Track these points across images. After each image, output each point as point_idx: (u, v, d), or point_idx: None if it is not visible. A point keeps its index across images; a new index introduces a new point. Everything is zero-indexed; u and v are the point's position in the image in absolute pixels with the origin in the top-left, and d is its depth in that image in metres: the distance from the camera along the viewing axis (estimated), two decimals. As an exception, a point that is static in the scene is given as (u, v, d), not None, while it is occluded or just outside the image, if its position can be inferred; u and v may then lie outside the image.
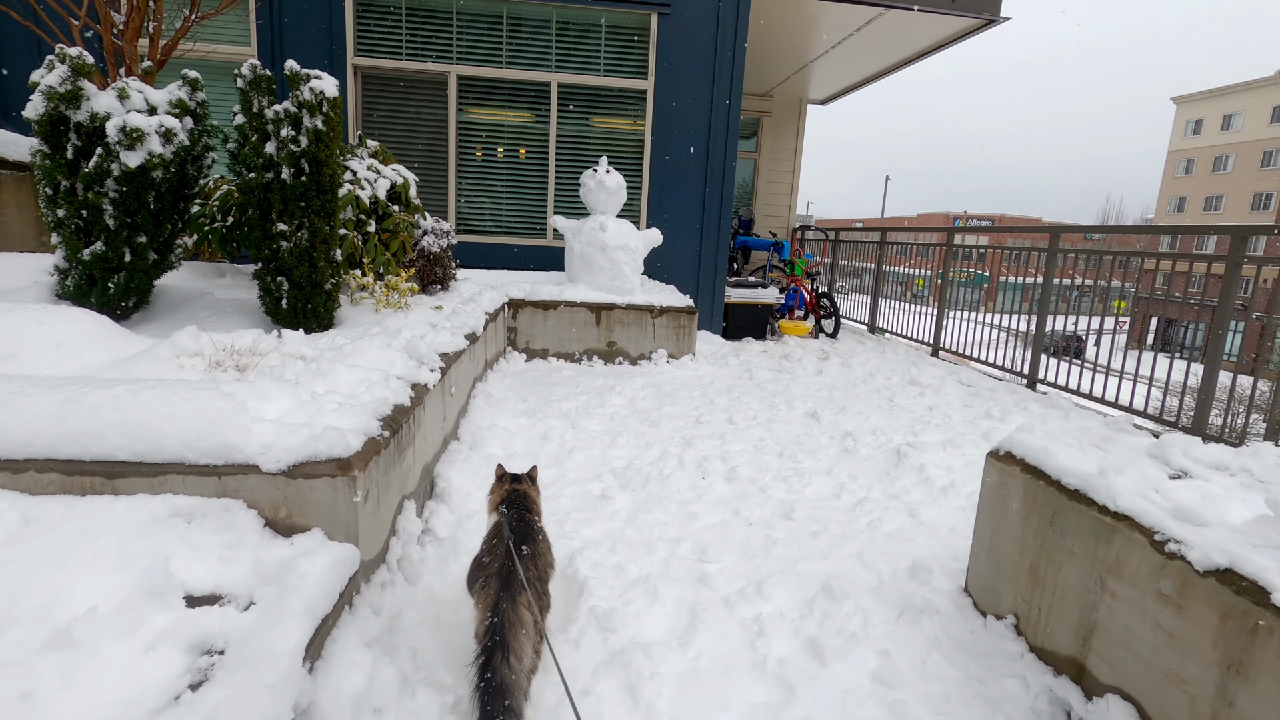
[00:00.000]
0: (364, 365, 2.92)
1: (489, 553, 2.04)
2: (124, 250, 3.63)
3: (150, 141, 3.35)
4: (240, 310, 4.05)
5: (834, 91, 11.95)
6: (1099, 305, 6.36)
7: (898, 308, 9.07)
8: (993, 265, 8.65)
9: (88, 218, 3.51)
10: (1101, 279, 6.32)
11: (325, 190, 3.83)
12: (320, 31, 7.01)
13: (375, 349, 3.16)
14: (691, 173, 7.66)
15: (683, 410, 5.04)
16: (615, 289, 6.51)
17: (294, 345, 2.98)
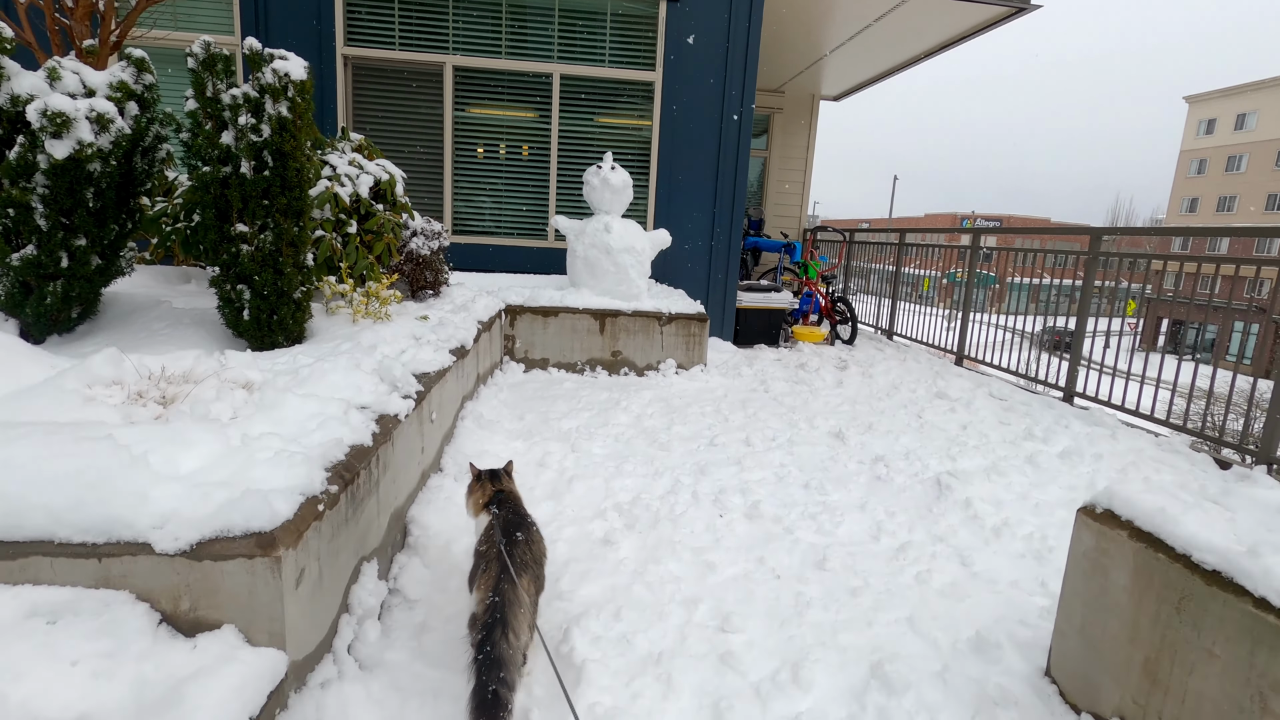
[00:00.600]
0: (322, 393, 2.44)
1: (486, 541, 2.13)
2: (60, 254, 3.15)
3: (78, 128, 2.87)
4: (199, 322, 3.58)
5: (848, 87, 11.43)
6: (1109, 306, 5.86)
7: (914, 311, 8.56)
8: (1000, 266, 8.25)
9: (15, 217, 3.03)
10: (1136, 282, 5.80)
11: (292, 186, 3.34)
12: (308, 19, 6.53)
13: (340, 371, 2.67)
14: (702, 170, 7.16)
15: (695, 430, 4.54)
16: (620, 294, 6.02)
17: (240, 369, 2.49)
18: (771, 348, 7.67)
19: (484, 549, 2.10)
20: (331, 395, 2.47)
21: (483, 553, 2.09)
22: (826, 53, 9.54)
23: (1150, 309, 8.86)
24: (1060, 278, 6.66)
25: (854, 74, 10.64)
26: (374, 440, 2.28)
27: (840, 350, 7.69)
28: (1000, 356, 7.10)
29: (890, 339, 8.74)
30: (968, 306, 7.28)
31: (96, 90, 3.11)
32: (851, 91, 11.67)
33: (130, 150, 3.30)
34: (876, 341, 8.41)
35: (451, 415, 3.70)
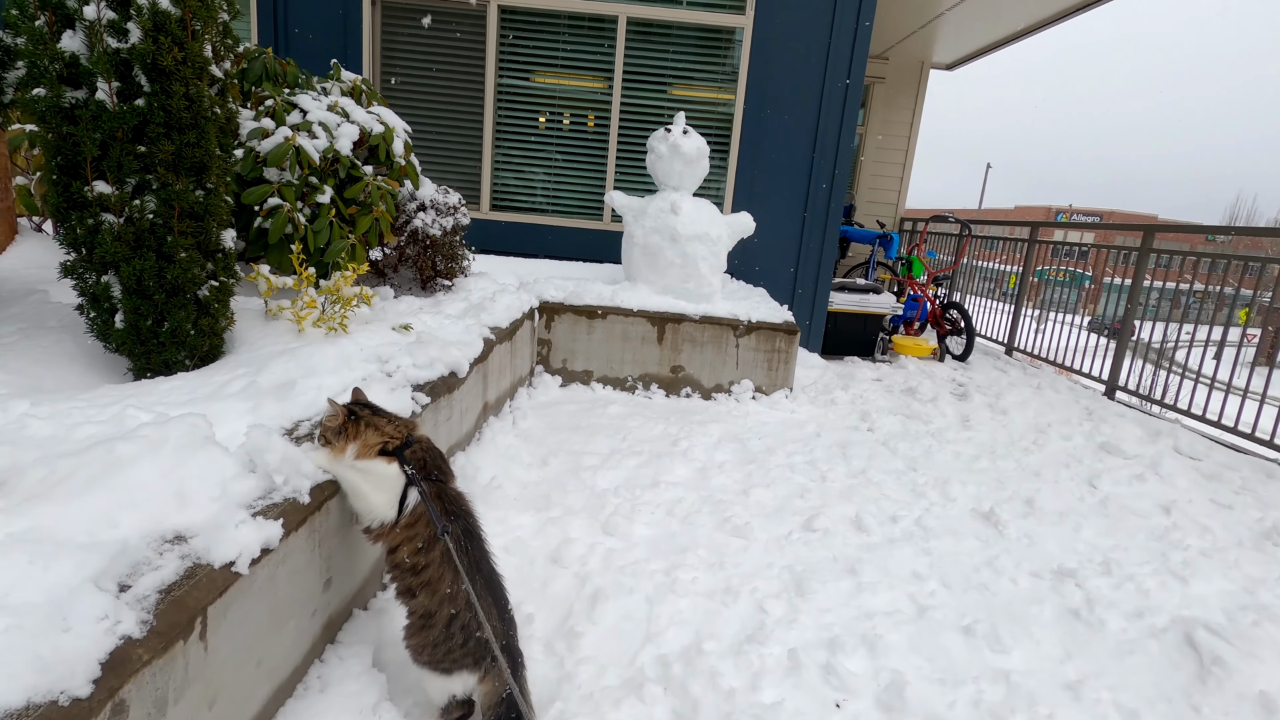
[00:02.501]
0: (87, 515, 1.16)
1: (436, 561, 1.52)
2: None
3: None
4: (70, 327, 2.38)
5: (966, 53, 9.52)
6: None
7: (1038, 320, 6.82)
8: (1098, 265, 7.24)
9: None
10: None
11: (184, 125, 2.08)
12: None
13: (169, 451, 1.39)
14: (796, 141, 5.62)
15: (783, 497, 3.12)
16: (687, 293, 4.61)
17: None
18: (866, 361, 6.13)
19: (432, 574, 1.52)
20: (106, 519, 1.19)
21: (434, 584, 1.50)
22: (945, 9, 7.75)
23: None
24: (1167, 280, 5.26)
25: (975, 37, 8.76)
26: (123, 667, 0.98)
27: (953, 369, 6.07)
28: (1169, 390, 5.36)
29: (1010, 355, 7.02)
30: (1127, 326, 5.54)
31: None
32: (968, 59, 9.75)
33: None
34: (994, 359, 6.72)
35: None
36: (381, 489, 1.59)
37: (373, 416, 1.67)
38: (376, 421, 1.66)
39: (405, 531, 1.56)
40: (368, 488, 1.61)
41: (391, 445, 1.62)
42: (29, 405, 1.69)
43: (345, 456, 1.60)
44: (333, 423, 1.63)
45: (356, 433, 1.62)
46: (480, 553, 1.63)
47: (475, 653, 1.52)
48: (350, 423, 1.63)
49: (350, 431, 1.62)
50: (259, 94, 3.12)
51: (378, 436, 1.63)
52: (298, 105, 3.11)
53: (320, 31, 5.40)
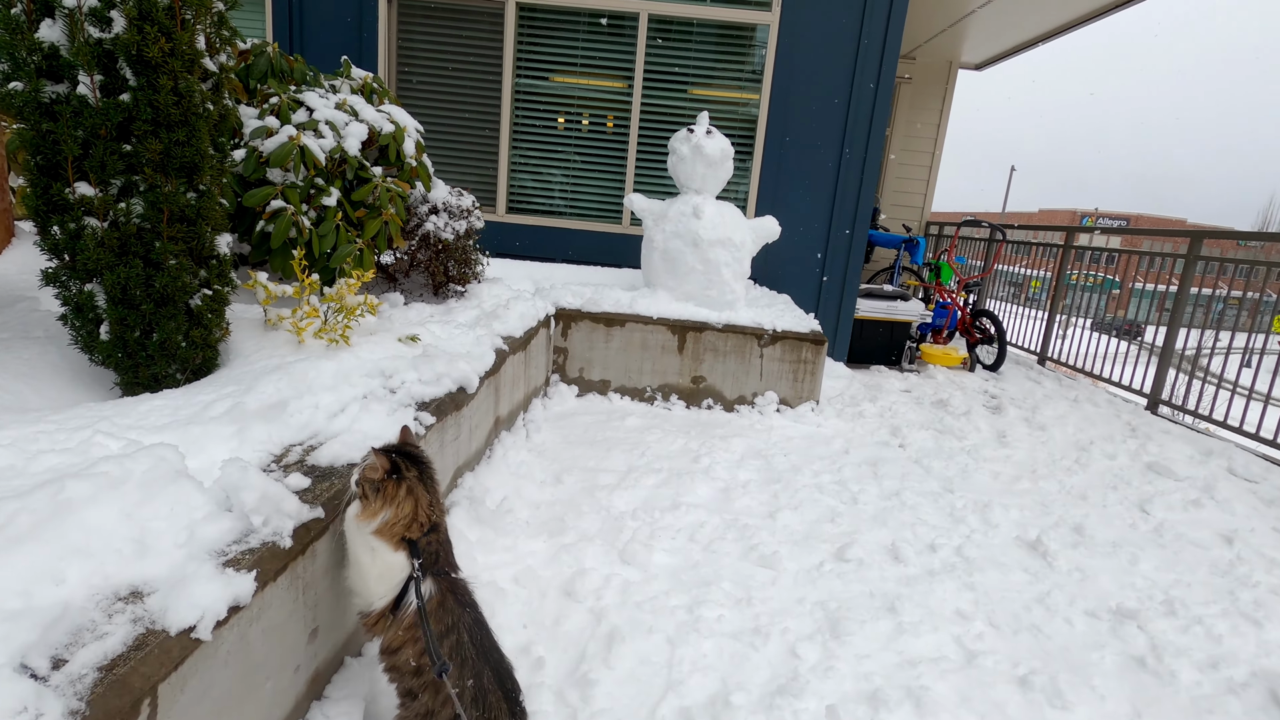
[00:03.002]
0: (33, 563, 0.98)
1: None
2: None
3: None
4: (54, 337, 2.23)
5: (996, 53, 9.21)
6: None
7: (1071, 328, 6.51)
8: (1124, 270, 6.94)
9: None
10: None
11: (173, 123, 1.91)
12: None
13: (131, 489, 1.22)
14: (822, 143, 5.39)
15: (812, 521, 2.91)
16: (709, 300, 4.40)
17: None
18: (894, 370, 5.88)
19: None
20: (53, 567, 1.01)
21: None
22: (975, 8, 7.47)
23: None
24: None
25: (1006, 36, 8.46)
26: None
27: (984, 380, 5.80)
28: (1216, 404, 5.06)
29: (1043, 365, 6.72)
30: (1172, 336, 5.24)
31: None
32: (997, 59, 9.44)
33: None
34: (1026, 369, 6.43)
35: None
36: (383, 578, 1.41)
37: (418, 482, 1.45)
38: (418, 492, 1.44)
39: (408, 632, 1.37)
40: (373, 571, 1.42)
41: (415, 532, 1.42)
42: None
43: (372, 523, 1.41)
44: (373, 475, 1.42)
45: (395, 498, 1.41)
46: (489, 642, 1.45)
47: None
48: (391, 482, 1.42)
49: (389, 493, 1.41)
50: (264, 91, 2.97)
51: (411, 511, 1.42)
52: (304, 103, 2.95)
53: (334, 30, 5.27)
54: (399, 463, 1.44)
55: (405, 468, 1.44)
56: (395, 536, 1.40)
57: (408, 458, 1.48)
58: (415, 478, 1.45)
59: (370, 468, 1.42)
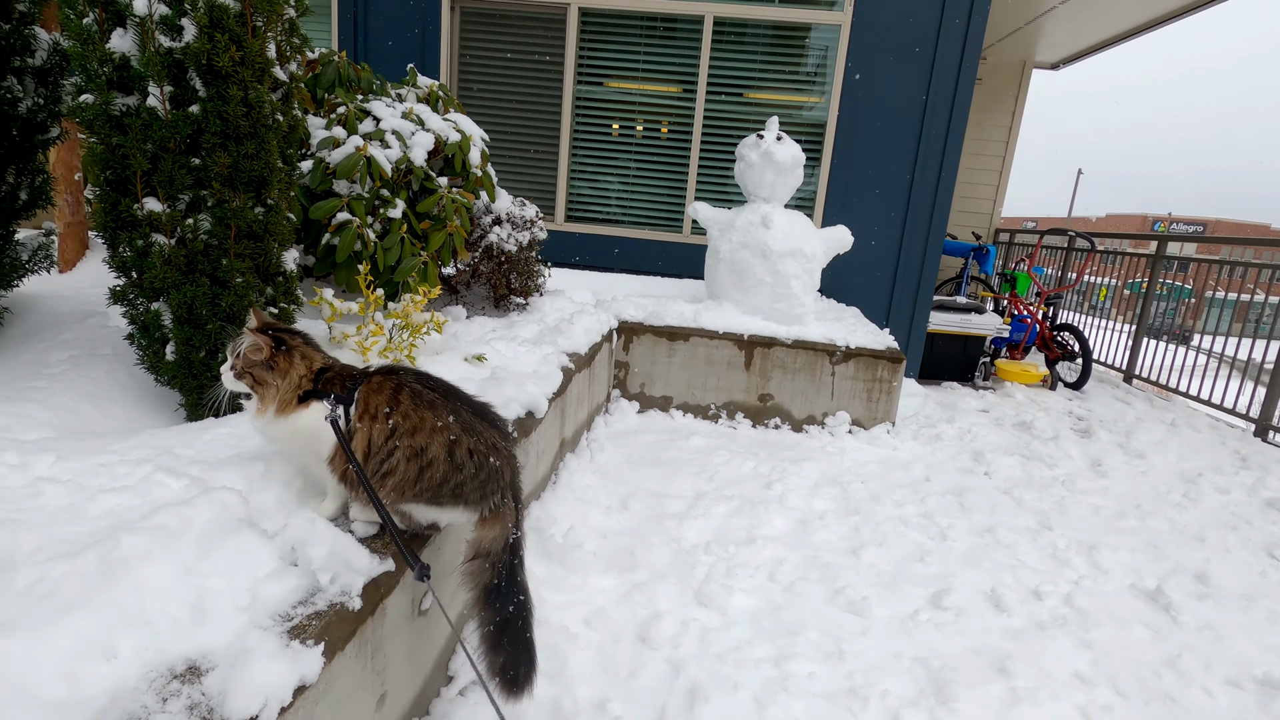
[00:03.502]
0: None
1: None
2: (-124, 240, 1.81)
3: None
4: (121, 354, 2.17)
5: (1072, 52, 8.70)
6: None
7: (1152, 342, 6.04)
8: (1199, 279, 6.73)
9: None
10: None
11: (242, 135, 1.82)
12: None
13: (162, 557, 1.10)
14: (895, 148, 5.11)
15: (899, 561, 2.66)
16: (778, 314, 4.18)
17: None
18: (967, 387, 5.53)
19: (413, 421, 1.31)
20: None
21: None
22: (1057, 3, 7.04)
23: None
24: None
25: (1087, 33, 7.97)
26: None
27: (1068, 400, 5.40)
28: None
29: (1129, 383, 6.26)
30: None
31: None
32: (1076, 58, 8.92)
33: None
34: (1110, 387, 5.98)
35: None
36: (316, 442, 1.36)
37: (305, 345, 1.41)
38: (310, 354, 1.40)
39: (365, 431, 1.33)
40: (307, 445, 1.38)
41: (307, 385, 1.37)
42: (54, 460, 1.44)
43: (272, 406, 1.36)
44: (257, 355, 1.34)
45: (288, 370, 1.36)
46: (448, 385, 1.42)
47: (484, 484, 1.34)
48: (281, 354, 1.36)
49: (282, 366, 1.36)
50: (331, 101, 2.90)
51: (306, 368, 1.38)
52: (371, 113, 2.87)
53: (398, 37, 5.25)
54: (283, 336, 1.38)
55: (288, 337, 1.39)
56: (290, 401, 1.34)
57: (284, 331, 1.42)
58: (301, 342, 1.41)
59: (254, 348, 1.34)
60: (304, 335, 1.45)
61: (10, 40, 1.92)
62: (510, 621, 1.37)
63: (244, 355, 1.34)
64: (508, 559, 1.37)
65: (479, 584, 1.36)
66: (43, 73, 2.05)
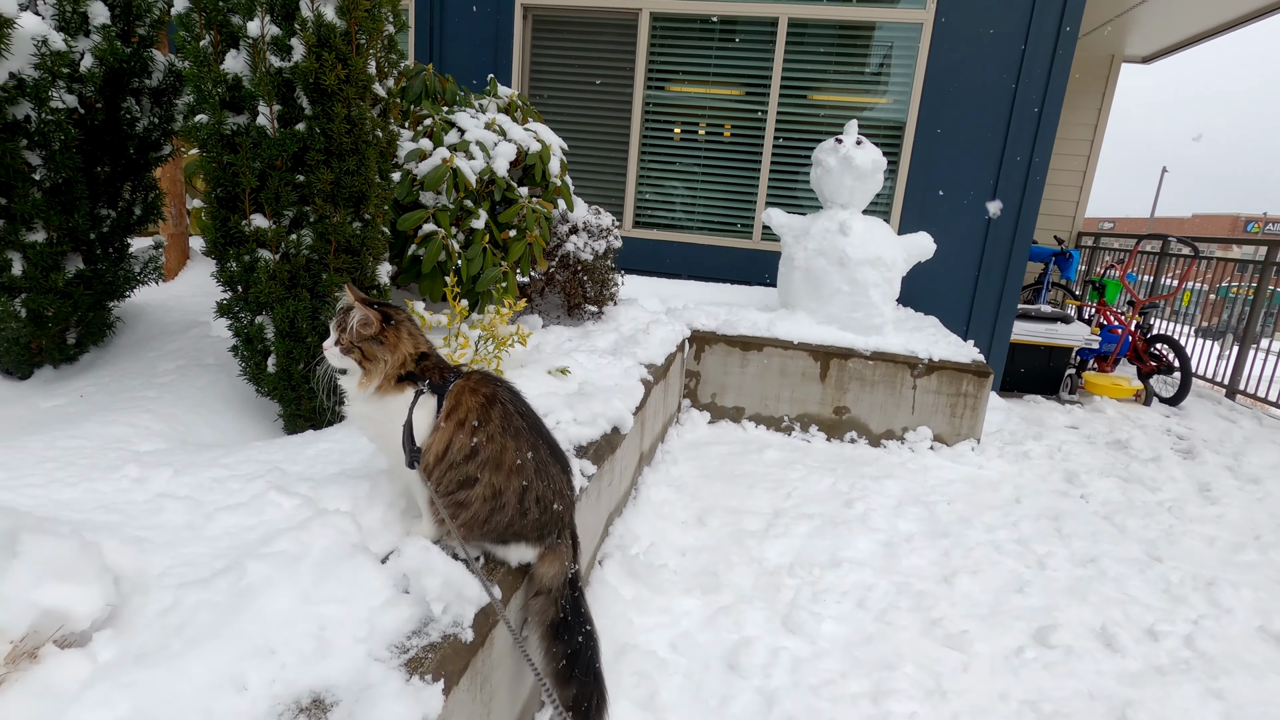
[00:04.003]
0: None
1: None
2: (9, 256, 1.91)
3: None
4: (223, 365, 2.24)
5: (1167, 45, 8.19)
6: None
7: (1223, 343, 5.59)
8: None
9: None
10: None
11: (344, 151, 1.84)
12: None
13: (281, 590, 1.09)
14: (979, 152, 4.89)
15: (996, 591, 2.51)
16: (855, 323, 4.04)
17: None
18: (1052, 401, 5.25)
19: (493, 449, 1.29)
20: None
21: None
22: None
23: None
24: None
25: (1184, 23, 7.48)
26: None
27: (1165, 417, 5.06)
28: None
29: (1233, 399, 5.82)
30: None
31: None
32: (1170, 51, 8.39)
33: (116, 85, 1.98)
34: (1212, 404, 5.57)
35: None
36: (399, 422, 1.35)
37: (409, 321, 1.41)
38: (415, 331, 1.41)
39: (445, 431, 1.31)
40: (394, 425, 1.36)
41: (410, 365, 1.37)
42: (171, 475, 1.47)
43: (375, 381, 1.35)
44: (368, 330, 1.33)
45: (396, 344, 1.35)
46: (535, 416, 1.41)
47: (545, 525, 1.34)
48: (390, 329, 1.35)
49: (391, 341, 1.35)
50: (417, 113, 2.93)
51: (412, 347, 1.37)
52: (455, 124, 2.89)
53: (473, 44, 5.32)
54: (388, 311, 1.38)
55: (394, 312, 1.39)
56: (392, 378, 1.34)
57: (386, 307, 1.40)
58: (406, 319, 1.40)
59: (365, 322, 1.32)
60: (406, 312, 1.44)
61: (131, 63, 2.00)
62: (579, 653, 1.38)
63: (354, 330, 1.32)
64: (569, 593, 1.39)
65: (545, 620, 1.37)
66: (158, 93, 2.13)
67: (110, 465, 1.52)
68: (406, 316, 1.41)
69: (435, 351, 1.44)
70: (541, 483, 1.33)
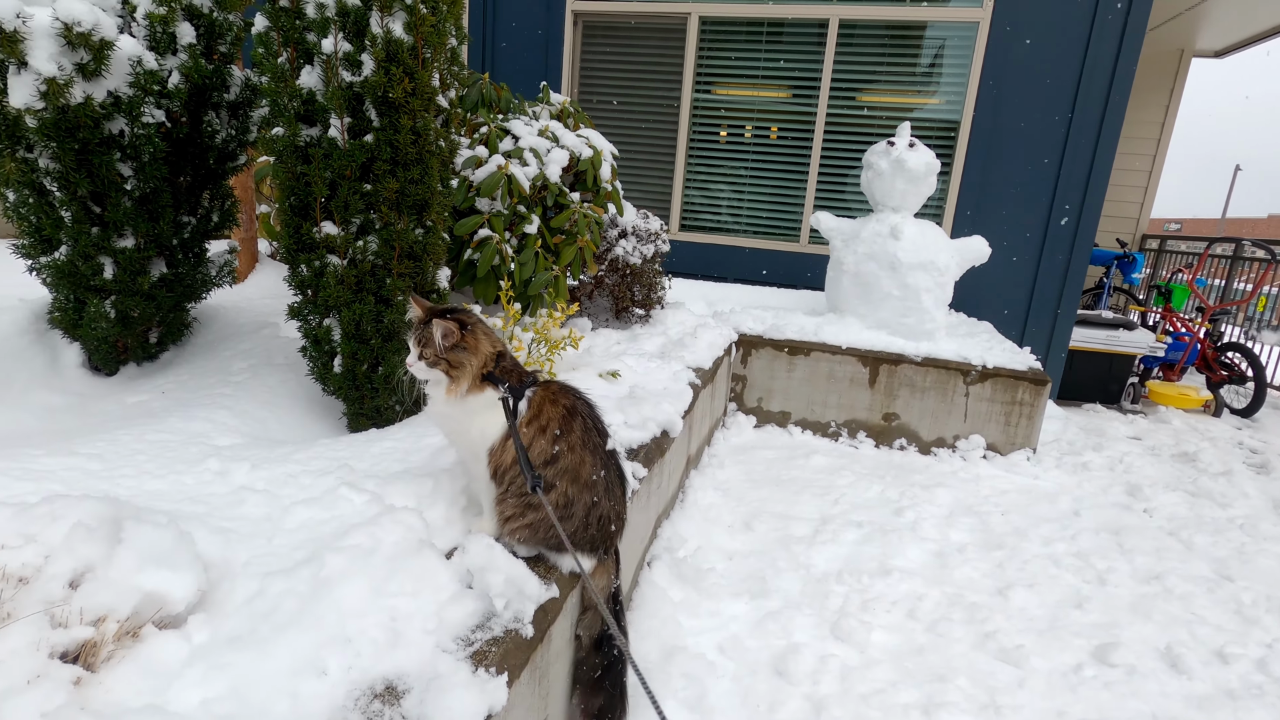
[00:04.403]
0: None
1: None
2: (101, 261, 2.05)
3: (35, 53, 1.64)
4: (292, 364, 2.34)
5: (1241, 38, 7.80)
6: None
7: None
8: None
9: (33, 203, 1.96)
10: None
11: (409, 161, 1.91)
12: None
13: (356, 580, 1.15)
14: (1038, 153, 4.75)
15: (1053, 605, 2.45)
16: (906, 329, 3.98)
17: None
18: (1113, 410, 5.07)
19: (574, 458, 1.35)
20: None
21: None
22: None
23: None
24: None
25: (1259, 16, 7.12)
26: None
27: (1237, 429, 4.83)
28: None
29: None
30: None
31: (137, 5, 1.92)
32: (1244, 45, 7.99)
33: (199, 100, 2.10)
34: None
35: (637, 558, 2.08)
36: (484, 425, 1.39)
37: (480, 322, 1.44)
38: (491, 333, 1.44)
39: (529, 432, 1.35)
40: (475, 426, 1.40)
41: (490, 365, 1.40)
42: (249, 468, 1.56)
43: (465, 384, 1.38)
44: (451, 339, 1.36)
45: (477, 346, 1.39)
46: (608, 435, 1.44)
47: (598, 540, 1.38)
48: (468, 334, 1.38)
49: (471, 345, 1.38)
50: (473, 121, 3.02)
51: (490, 349, 1.41)
52: (510, 131, 2.96)
53: (523, 50, 5.42)
54: (461, 318, 1.40)
55: (464, 316, 1.41)
56: (477, 379, 1.37)
57: (460, 312, 1.43)
58: (477, 321, 1.43)
59: (446, 334, 1.35)
60: (474, 314, 1.47)
61: (212, 79, 2.12)
62: (613, 665, 1.45)
63: (439, 344, 1.36)
64: (612, 607, 1.44)
65: (591, 634, 1.44)
66: (235, 106, 2.26)
67: (193, 459, 1.62)
68: (477, 319, 1.45)
69: (510, 351, 1.48)
70: (607, 501, 1.38)
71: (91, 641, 0.93)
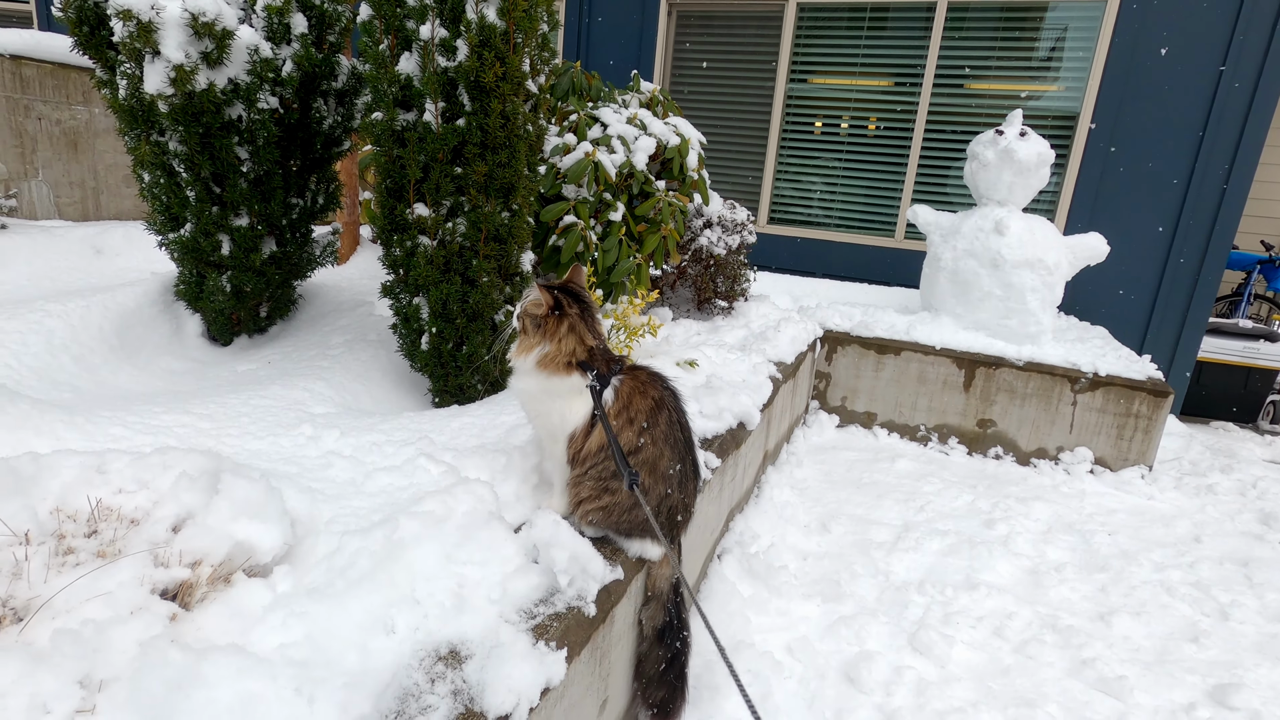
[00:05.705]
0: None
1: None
2: (219, 238, 2.21)
3: (166, 42, 1.78)
4: (383, 341, 2.45)
5: None
6: None
7: None
8: None
9: (164, 183, 2.14)
10: None
11: (498, 145, 1.95)
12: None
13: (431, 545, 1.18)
14: (1169, 144, 4.33)
15: (1164, 637, 2.23)
16: (1007, 331, 3.73)
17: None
18: (1248, 429, 4.58)
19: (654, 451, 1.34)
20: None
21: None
22: None
23: None
24: None
25: None
26: None
27: (1401, 459, 4.24)
28: None
29: None
30: None
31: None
32: None
33: (309, 87, 2.22)
34: None
35: (703, 555, 2.05)
36: (565, 403, 1.39)
37: (579, 319, 1.40)
38: (579, 329, 1.39)
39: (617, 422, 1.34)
40: (554, 403, 1.41)
41: (581, 355, 1.39)
42: (338, 435, 1.64)
43: (529, 356, 1.40)
44: (536, 310, 1.38)
45: (555, 333, 1.38)
46: (690, 429, 1.43)
47: (666, 531, 1.36)
48: (552, 318, 1.38)
49: (549, 328, 1.38)
50: (563, 109, 3.05)
51: (573, 346, 1.38)
52: (599, 119, 2.98)
53: (618, 42, 5.45)
54: (561, 299, 1.37)
55: (567, 304, 1.37)
56: (561, 363, 1.36)
57: (571, 295, 1.40)
58: (577, 315, 1.38)
59: (534, 303, 1.35)
60: (588, 307, 1.45)
61: (322, 68, 2.25)
62: (676, 657, 1.44)
63: (526, 305, 1.39)
64: (673, 598, 1.43)
65: (654, 625, 1.42)
66: (341, 94, 2.38)
67: (290, 424, 1.72)
68: (578, 313, 1.40)
69: (605, 342, 1.47)
70: (680, 495, 1.37)
71: (188, 582, 1.00)
